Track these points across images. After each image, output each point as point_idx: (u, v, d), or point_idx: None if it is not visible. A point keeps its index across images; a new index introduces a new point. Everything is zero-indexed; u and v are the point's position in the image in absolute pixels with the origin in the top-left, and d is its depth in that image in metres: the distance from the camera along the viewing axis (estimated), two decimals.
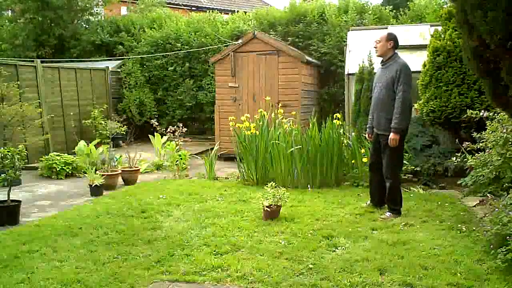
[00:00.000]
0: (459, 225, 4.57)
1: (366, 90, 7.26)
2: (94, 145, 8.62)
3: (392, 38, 5.12)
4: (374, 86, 5.29)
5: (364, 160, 6.36)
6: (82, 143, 8.66)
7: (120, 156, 8.06)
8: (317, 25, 11.39)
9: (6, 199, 5.29)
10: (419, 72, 7.04)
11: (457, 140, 6.06)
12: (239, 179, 7.15)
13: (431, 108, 6.57)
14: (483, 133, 5.15)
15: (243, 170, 7.04)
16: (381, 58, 5.25)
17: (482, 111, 5.30)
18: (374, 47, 5.26)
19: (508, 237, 3.48)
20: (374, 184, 5.38)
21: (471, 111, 5.44)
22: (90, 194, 6.52)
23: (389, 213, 5.06)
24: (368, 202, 5.46)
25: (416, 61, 7.67)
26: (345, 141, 6.74)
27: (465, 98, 6.35)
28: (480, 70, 3.41)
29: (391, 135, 4.90)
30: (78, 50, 13.47)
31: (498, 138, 4.73)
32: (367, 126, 5.53)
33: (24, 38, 13.13)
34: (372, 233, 4.48)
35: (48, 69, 9.89)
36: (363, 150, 6.46)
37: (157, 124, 9.02)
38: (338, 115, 6.74)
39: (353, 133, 6.89)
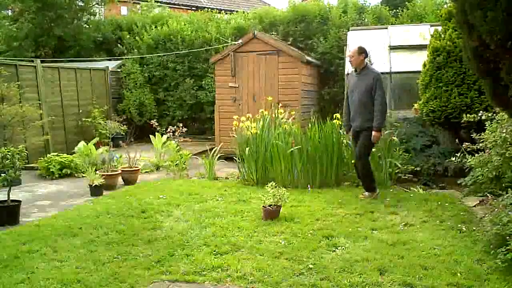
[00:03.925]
0: (459, 225, 4.57)
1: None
2: (94, 145, 8.62)
3: (363, 51, 5.86)
4: (351, 91, 5.98)
5: None
6: (82, 144, 8.66)
7: (120, 156, 8.06)
8: (317, 25, 11.39)
9: (6, 199, 5.29)
10: (419, 72, 7.04)
11: (457, 140, 6.06)
12: (239, 179, 7.15)
13: (431, 108, 6.57)
14: (483, 134, 5.16)
15: (243, 170, 7.04)
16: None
17: (481, 112, 5.31)
18: (349, 61, 5.99)
19: (508, 237, 3.48)
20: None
21: (468, 115, 5.45)
22: (90, 194, 6.52)
23: (367, 193, 5.82)
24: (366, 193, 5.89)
25: (416, 61, 7.69)
26: (345, 141, 6.74)
27: (465, 98, 6.35)
28: (480, 70, 3.41)
29: (374, 133, 5.69)
30: (78, 49, 13.45)
31: (498, 138, 4.74)
32: (344, 125, 6.26)
33: (24, 38, 13.12)
34: (372, 233, 4.48)
35: (48, 69, 9.89)
36: None
37: (157, 124, 9.02)
38: (338, 115, 6.74)
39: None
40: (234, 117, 7.34)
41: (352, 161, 6.64)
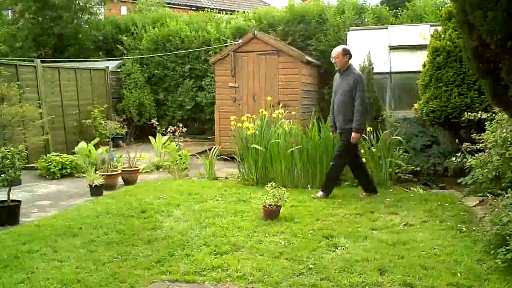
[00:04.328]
0: (459, 225, 4.57)
1: (366, 90, 7.26)
2: (94, 145, 8.61)
3: (347, 52, 5.93)
4: (335, 92, 6.02)
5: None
6: (82, 144, 8.66)
7: (120, 156, 8.06)
8: (316, 25, 11.39)
9: (6, 199, 5.29)
10: (419, 72, 7.04)
11: (457, 140, 6.06)
12: (239, 179, 7.15)
13: (431, 108, 6.57)
14: (482, 134, 5.16)
15: (243, 170, 7.04)
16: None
17: (480, 112, 5.31)
18: (334, 62, 5.98)
19: (508, 237, 3.48)
20: (357, 177, 6.16)
21: (469, 113, 5.44)
22: (90, 194, 6.52)
23: (321, 193, 5.92)
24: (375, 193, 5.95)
25: (416, 61, 7.69)
26: None
27: (465, 98, 6.35)
28: (480, 70, 3.41)
29: (354, 135, 5.69)
30: (78, 48, 13.44)
31: (498, 138, 4.74)
32: (330, 125, 6.26)
33: (24, 38, 13.12)
34: (372, 233, 4.48)
35: (48, 69, 9.89)
36: (362, 150, 6.46)
37: (157, 124, 9.02)
38: None
39: None
40: (231, 117, 7.34)
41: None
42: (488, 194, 5.22)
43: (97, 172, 6.92)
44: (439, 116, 6.52)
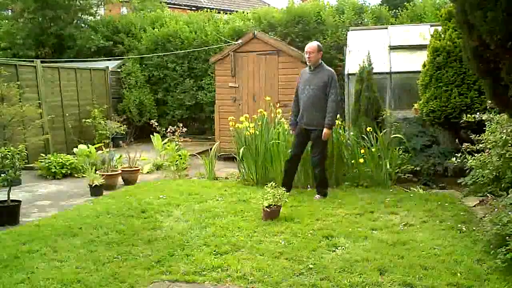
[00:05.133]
0: (459, 225, 4.57)
1: (366, 90, 7.26)
2: (95, 148, 8.61)
3: (321, 49, 6.02)
4: (303, 88, 5.99)
5: (361, 160, 6.39)
6: (81, 147, 8.65)
7: (120, 156, 8.06)
8: (315, 25, 11.38)
9: (6, 199, 5.29)
10: (419, 72, 7.03)
11: (457, 140, 6.06)
12: (239, 179, 7.15)
13: (431, 108, 6.57)
14: (482, 135, 5.16)
15: (243, 170, 7.04)
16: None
17: (478, 114, 5.31)
18: (307, 57, 5.95)
19: (508, 237, 3.48)
20: (291, 174, 6.16)
21: (468, 115, 5.44)
22: (90, 194, 6.52)
23: (318, 195, 5.91)
24: (288, 192, 5.63)
25: (416, 61, 7.67)
26: (344, 141, 6.74)
27: (465, 98, 6.35)
28: (480, 70, 3.41)
29: (326, 131, 5.77)
30: (77, 49, 13.43)
31: (498, 139, 4.74)
32: (290, 123, 6.27)
33: (24, 37, 13.11)
34: (372, 233, 4.49)
35: (48, 69, 9.88)
36: (362, 150, 6.46)
37: (157, 124, 9.01)
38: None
39: (352, 133, 6.89)
40: (230, 117, 7.34)
41: (352, 161, 6.65)
42: (488, 194, 5.22)
43: (97, 172, 6.92)
44: (439, 116, 6.52)
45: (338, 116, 6.22)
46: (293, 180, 6.26)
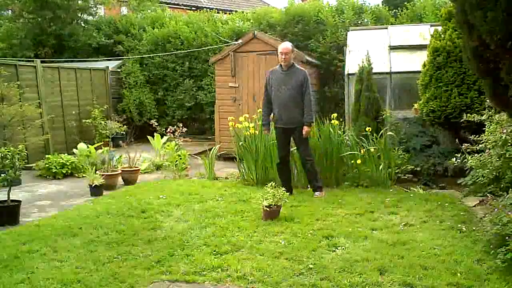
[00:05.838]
0: (459, 225, 4.57)
1: (366, 90, 7.27)
2: (95, 148, 8.61)
3: (294, 49, 6.19)
4: (277, 88, 6.02)
5: (358, 161, 6.40)
6: (81, 145, 8.65)
7: (120, 156, 8.06)
8: (314, 25, 11.38)
9: (6, 199, 5.29)
10: (419, 72, 7.04)
11: (457, 140, 6.06)
12: (239, 179, 7.15)
13: (431, 108, 6.57)
14: (482, 135, 5.16)
15: (243, 170, 7.04)
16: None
17: (474, 115, 5.32)
18: (283, 58, 5.97)
19: (508, 237, 3.49)
20: (286, 175, 6.21)
21: (468, 115, 5.45)
22: (90, 194, 6.52)
23: (318, 193, 5.97)
24: (289, 194, 5.61)
25: (416, 61, 7.68)
26: (344, 141, 6.74)
27: (465, 98, 6.35)
28: (480, 70, 3.41)
29: (307, 128, 5.94)
30: (77, 50, 13.44)
31: (498, 139, 4.74)
32: (263, 123, 6.30)
33: (23, 37, 13.11)
34: (372, 233, 4.48)
35: (48, 69, 9.88)
36: (362, 151, 6.46)
37: (157, 124, 9.01)
38: (334, 115, 6.72)
39: (352, 133, 6.88)
40: (229, 117, 7.33)
41: (352, 161, 6.65)
42: (488, 194, 5.22)
43: (97, 172, 6.92)
44: (439, 116, 6.52)
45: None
46: (291, 180, 6.31)
